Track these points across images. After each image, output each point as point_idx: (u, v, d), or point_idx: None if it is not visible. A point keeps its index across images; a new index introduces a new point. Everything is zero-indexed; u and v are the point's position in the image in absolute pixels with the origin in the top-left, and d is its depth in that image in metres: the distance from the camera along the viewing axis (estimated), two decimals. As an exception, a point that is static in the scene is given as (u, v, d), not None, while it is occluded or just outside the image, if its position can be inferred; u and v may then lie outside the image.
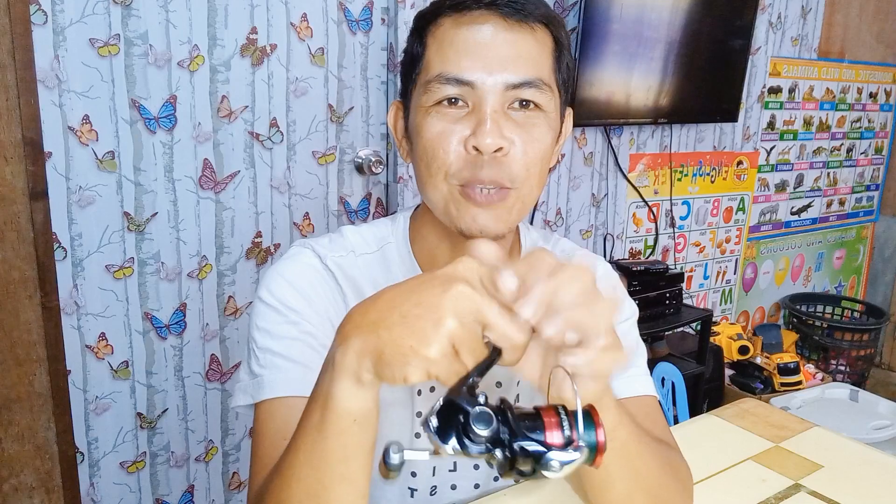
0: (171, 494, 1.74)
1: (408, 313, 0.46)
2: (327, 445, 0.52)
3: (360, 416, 0.51)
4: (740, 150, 2.78)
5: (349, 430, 0.51)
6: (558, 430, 0.45)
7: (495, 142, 0.68)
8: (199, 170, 1.63)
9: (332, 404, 0.51)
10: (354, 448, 0.53)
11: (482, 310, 0.46)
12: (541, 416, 0.45)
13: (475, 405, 0.44)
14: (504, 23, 0.70)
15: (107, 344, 1.59)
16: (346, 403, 0.50)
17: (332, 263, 0.78)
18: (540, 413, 0.46)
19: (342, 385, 0.50)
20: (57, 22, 1.41)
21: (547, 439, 0.44)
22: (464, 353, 0.45)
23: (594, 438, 0.46)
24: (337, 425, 0.51)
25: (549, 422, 0.45)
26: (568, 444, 0.45)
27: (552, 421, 0.45)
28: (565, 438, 0.45)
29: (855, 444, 0.97)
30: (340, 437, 0.52)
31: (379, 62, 1.84)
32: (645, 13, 2.15)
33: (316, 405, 0.53)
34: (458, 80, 0.69)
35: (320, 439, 0.52)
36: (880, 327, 3.04)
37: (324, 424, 0.52)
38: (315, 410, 0.53)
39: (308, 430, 0.54)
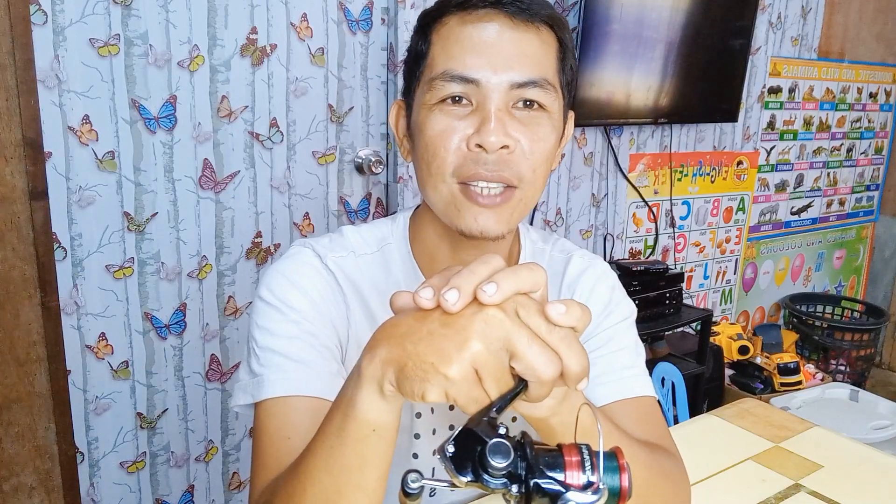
0: (171, 494, 1.74)
1: (435, 331, 0.45)
2: (345, 452, 0.52)
3: (379, 426, 0.51)
4: (740, 150, 2.78)
5: (368, 440, 0.51)
6: (579, 471, 0.43)
7: (500, 139, 0.68)
8: (199, 170, 1.63)
9: (353, 412, 0.50)
10: (372, 458, 0.52)
11: (511, 338, 0.45)
12: (562, 454, 0.44)
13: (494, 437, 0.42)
14: (510, 22, 0.70)
15: (107, 344, 1.59)
16: (366, 412, 0.50)
17: (332, 263, 0.78)
18: (562, 450, 0.44)
19: (364, 393, 0.49)
20: (57, 22, 1.41)
21: (567, 479, 0.43)
22: (487, 380, 0.44)
23: (617, 483, 0.44)
24: (356, 433, 0.51)
25: (570, 461, 0.43)
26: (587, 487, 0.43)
27: (573, 460, 0.43)
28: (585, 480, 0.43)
29: (855, 444, 0.97)
30: (358, 446, 0.51)
31: (379, 62, 1.84)
32: (645, 13, 2.15)
33: (338, 411, 0.53)
34: (462, 78, 0.69)
35: (338, 445, 0.52)
36: (880, 327, 3.04)
37: (343, 431, 0.51)
38: (336, 416, 0.53)
39: (327, 436, 0.53)
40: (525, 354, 0.45)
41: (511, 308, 0.46)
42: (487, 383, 0.44)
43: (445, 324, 0.45)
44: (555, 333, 0.46)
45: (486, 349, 0.44)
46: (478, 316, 0.45)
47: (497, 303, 0.45)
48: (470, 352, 0.44)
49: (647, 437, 0.76)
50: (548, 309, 0.46)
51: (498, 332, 0.45)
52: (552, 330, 0.46)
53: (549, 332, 0.46)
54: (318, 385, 0.71)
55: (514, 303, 0.46)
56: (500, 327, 0.45)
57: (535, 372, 0.45)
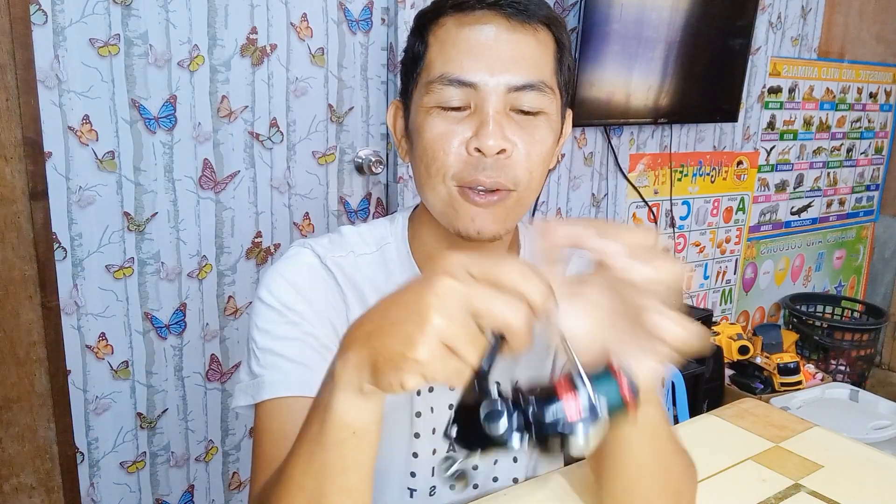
0: (171, 494, 1.74)
1: (395, 319, 0.45)
2: (326, 457, 0.52)
3: (359, 428, 0.50)
4: (740, 150, 2.78)
5: (348, 443, 0.51)
6: (574, 401, 0.42)
7: (498, 143, 0.68)
8: (199, 170, 1.63)
9: (330, 416, 0.50)
10: (353, 460, 0.52)
11: (469, 299, 0.43)
12: (555, 389, 0.43)
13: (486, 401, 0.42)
14: (507, 23, 0.69)
15: (107, 344, 1.59)
16: (344, 416, 0.50)
17: (331, 263, 0.78)
18: (555, 386, 0.43)
19: (341, 397, 0.49)
20: (57, 22, 1.41)
21: (567, 411, 0.42)
22: (462, 348, 0.44)
23: (617, 393, 0.42)
24: (335, 437, 0.51)
25: (566, 395, 0.42)
26: (592, 411, 0.42)
27: (569, 394, 0.42)
28: (584, 408, 0.42)
29: (855, 444, 0.97)
30: (339, 449, 0.51)
31: (379, 62, 1.84)
32: (645, 13, 2.15)
33: (315, 416, 0.52)
34: (460, 81, 0.69)
35: (319, 450, 0.52)
36: (880, 327, 3.04)
37: (322, 436, 0.51)
38: (314, 421, 0.52)
39: (307, 441, 0.54)
40: (487, 310, 0.44)
41: (461, 271, 0.45)
42: (462, 352, 0.43)
43: (405, 309, 0.45)
44: (508, 275, 0.44)
45: (447, 320, 0.43)
46: (430, 291, 0.44)
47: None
48: (432, 328, 0.43)
49: None
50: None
51: (453, 299, 0.43)
52: (505, 273, 0.44)
53: (502, 276, 0.44)
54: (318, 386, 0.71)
55: (462, 265, 0.45)
56: (454, 294, 0.43)
57: (503, 323, 0.44)
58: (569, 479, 0.83)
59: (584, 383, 0.43)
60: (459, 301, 0.43)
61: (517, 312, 0.43)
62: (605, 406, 0.42)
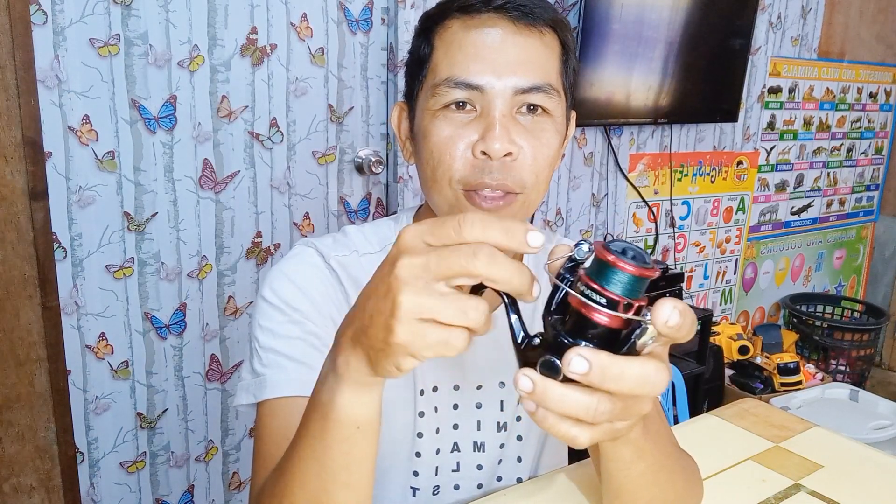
0: (171, 494, 1.74)
1: (372, 310, 0.44)
2: (330, 454, 0.52)
3: (363, 422, 0.50)
4: (740, 150, 2.78)
5: (352, 438, 0.51)
6: (597, 312, 0.39)
7: (504, 147, 0.68)
8: (199, 170, 1.63)
9: (334, 413, 0.50)
10: (357, 455, 0.52)
11: (432, 267, 0.41)
12: (576, 312, 0.40)
13: (538, 356, 0.40)
14: (513, 26, 0.69)
15: (107, 344, 1.59)
16: (348, 411, 0.50)
17: (335, 263, 0.78)
18: (569, 309, 0.40)
19: (345, 394, 0.49)
20: (57, 22, 1.41)
21: (607, 322, 0.39)
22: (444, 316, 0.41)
23: (627, 273, 0.39)
24: (340, 433, 0.51)
25: (588, 309, 0.39)
26: (619, 306, 0.39)
27: (587, 308, 0.39)
28: (615, 307, 0.39)
29: (855, 444, 0.97)
30: (343, 445, 0.51)
31: (379, 62, 1.84)
32: (645, 13, 2.15)
33: (316, 414, 0.52)
34: (466, 84, 0.69)
35: (322, 448, 0.52)
36: (880, 327, 3.04)
37: (325, 433, 0.51)
38: (315, 420, 0.52)
39: (308, 439, 0.53)
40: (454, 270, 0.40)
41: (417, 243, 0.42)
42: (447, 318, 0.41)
43: (375, 296, 0.44)
44: (467, 229, 0.41)
45: (415, 295, 0.41)
46: (390, 273, 0.42)
47: None
48: (402, 310, 0.41)
49: None
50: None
51: (413, 273, 0.41)
52: (464, 228, 0.41)
53: (462, 232, 0.41)
54: None
55: (418, 235, 0.42)
56: (413, 268, 0.41)
57: (478, 273, 0.40)
58: (573, 479, 0.83)
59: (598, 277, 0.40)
60: (420, 273, 0.41)
61: (488, 258, 0.40)
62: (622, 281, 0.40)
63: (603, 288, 0.39)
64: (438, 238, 0.42)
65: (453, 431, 0.82)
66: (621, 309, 0.39)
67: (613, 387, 0.39)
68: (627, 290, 0.39)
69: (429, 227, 0.42)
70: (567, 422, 0.41)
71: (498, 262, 0.40)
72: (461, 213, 0.41)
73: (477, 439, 0.83)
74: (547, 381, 0.40)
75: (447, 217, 0.42)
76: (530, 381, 0.40)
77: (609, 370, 0.39)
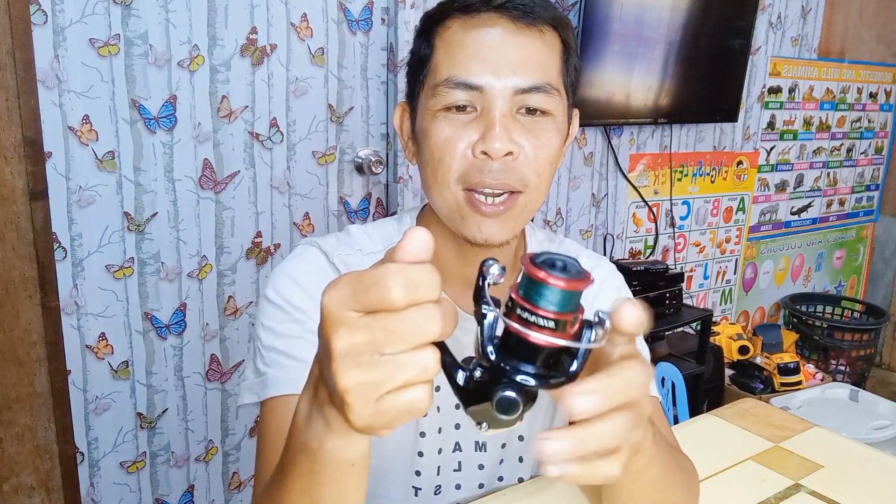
0: (171, 494, 1.74)
1: (329, 385, 0.40)
2: (322, 491, 0.49)
3: (357, 460, 0.48)
4: (740, 150, 2.78)
5: (348, 475, 0.48)
6: (538, 333, 0.36)
7: (505, 146, 0.68)
8: (199, 170, 1.63)
9: (324, 457, 0.47)
10: (351, 489, 0.50)
11: (377, 344, 0.37)
12: (514, 337, 0.37)
13: (487, 392, 0.38)
14: (513, 26, 0.69)
15: (107, 344, 1.59)
16: (341, 454, 0.46)
17: (338, 262, 0.78)
18: (506, 334, 0.38)
19: (336, 440, 0.45)
20: (57, 22, 1.41)
21: (549, 343, 0.37)
22: (408, 380, 0.37)
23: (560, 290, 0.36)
24: (333, 473, 0.48)
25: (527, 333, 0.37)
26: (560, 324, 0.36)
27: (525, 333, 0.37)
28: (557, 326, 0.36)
29: (855, 444, 0.97)
30: (338, 483, 0.49)
31: (379, 62, 1.84)
32: (645, 13, 2.15)
33: (303, 456, 0.48)
34: (466, 85, 0.69)
35: (314, 485, 0.49)
36: (880, 327, 3.04)
37: (317, 474, 0.48)
38: (302, 461, 0.49)
39: (299, 476, 0.50)
40: (396, 343, 0.37)
41: (344, 315, 0.38)
42: (403, 382, 0.38)
43: (327, 372, 0.40)
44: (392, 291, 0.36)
45: (360, 373, 0.37)
46: (330, 353, 0.38)
47: None
48: (350, 395, 0.38)
49: None
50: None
51: (355, 350, 0.37)
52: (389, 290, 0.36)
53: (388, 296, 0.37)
54: None
55: (342, 304, 0.38)
56: (353, 347, 0.37)
57: (420, 340, 0.37)
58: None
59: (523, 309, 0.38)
60: (363, 350, 0.37)
61: (443, 321, 0.37)
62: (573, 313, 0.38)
63: (536, 307, 0.36)
64: (365, 303, 0.37)
65: (455, 431, 0.82)
66: (564, 326, 0.37)
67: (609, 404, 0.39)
68: (562, 305, 0.37)
69: (351, 292, 0.37)
70: (594, 462, 0.40)
71: (449, 321, 0.37)
72: (378, 269, 0.37)
73: (479, 439, 0.83)
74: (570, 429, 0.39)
75: (364, 275, 0.37)
76: (558, 440, 0.39)
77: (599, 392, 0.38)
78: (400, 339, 0.37)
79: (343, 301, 0.38)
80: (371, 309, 0.37)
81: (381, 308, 0.37)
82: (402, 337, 0.37)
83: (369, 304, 0.37)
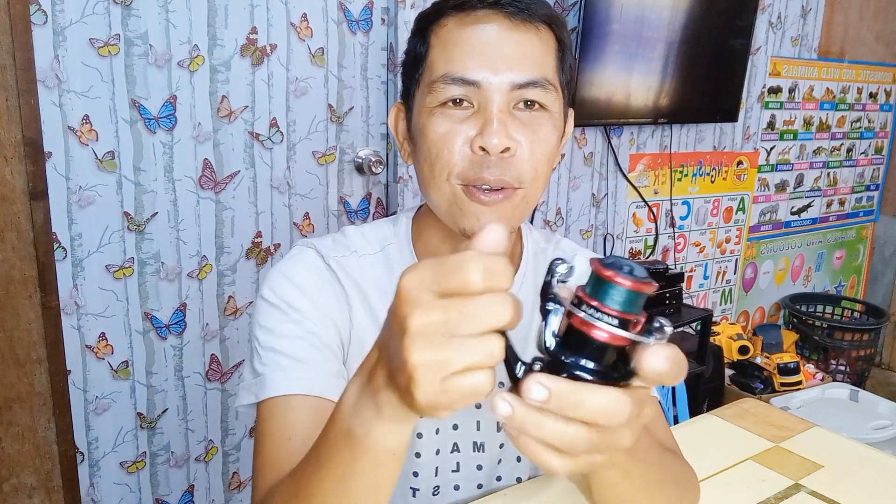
0: (171, 494, 1.74)
1: (394, 365, 0.41)
2: (360, 480, 0.50)
3: (399, 449, 0.49)
4: (740, 150, 2.78)
5: (387, 464, 0.49)
6: (597, 329, 0.38)
7: (502, 142, 0.68)
8: (199, 170, 1.63)
9: (369, 444, 0.48)
10: (385, 480, 0.51)
11: (451, 326, 0.38)
12: (576, 331, 0.39)
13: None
14: (509, 22, 0.70)
15: (107, 344, 1.59)
16: (385, 442, 0.47)
17: (334, 263, 0.78)
18: (569, 328, 0.39)
19: (384, 427, 0.46)
20: (57, 22, 1.41)
21: (607, 339, 0.38)
22: (473, 363, 0.39)
23: (625, 289, 0.38)
24: (373, 461, 0.49)
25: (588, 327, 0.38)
26: (622, 322, 0.38)
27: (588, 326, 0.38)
28: (619, 324, 0.38)
29: (855, 444, 0.97)
30: (376, 472, 0.50)
31: (379, 62, 1.84)
32: (645, 13, 2.15)
33: (344, 443, 0.49)
34: (463, 80, 0.69)
35: (351, 473, 0.50)
36: (880, 327, 3.04)
37: (356, 461, 0.49)
38: (343, 449, 0.49)
39: (334, 466, 0.51)
40: (467, 328, 0.38)
41: (422, 296, 0.39)
42: (469, 364, 0.39)
43: (394, 353, 0.41)
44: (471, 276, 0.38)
45: (432, 353, 0.38)
46: (405, 333, 0.39)
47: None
48: (419, 372, 0.39)
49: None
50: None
51: (430, 329, 0.39)
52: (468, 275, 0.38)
53: (467, 281, 0.38)
54: (320, 384, 0.71)
55: (423, 286, 0.39)
56: (429, 326, 0.39)
57: (489, 328, 0.39)
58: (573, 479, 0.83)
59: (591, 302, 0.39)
60: (437, 329, 0.39)
61: (512, 309, 0.38)
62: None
63: (602, 305, 0.38)
64: (445, 288, 0.38)
65: (453, 432, 0.82)
66: (626, 326, 0.39)
67: (572, 414, 0.38)
68: (627, 305, 0.39)
69: (432, 275, 0.39)
70: (547, 450, 0.40)
71: (517, 312, 0.38)
72: (459, 255, 0.39)
73: (476, 439, 0.83)
74: (525, 406, 0.39)
75: (445, 259, 0.39)
76: (509, 405, 0.39)
77: (567, 398, 0.38)
78: (473, 323, 0.38)
79: (424, 282, 0.39)
80: (450, 292, 0.38)
81: (460, 291, 0.38)
82: (475, 320, 0.38)
83: (449, 287, 0.38)
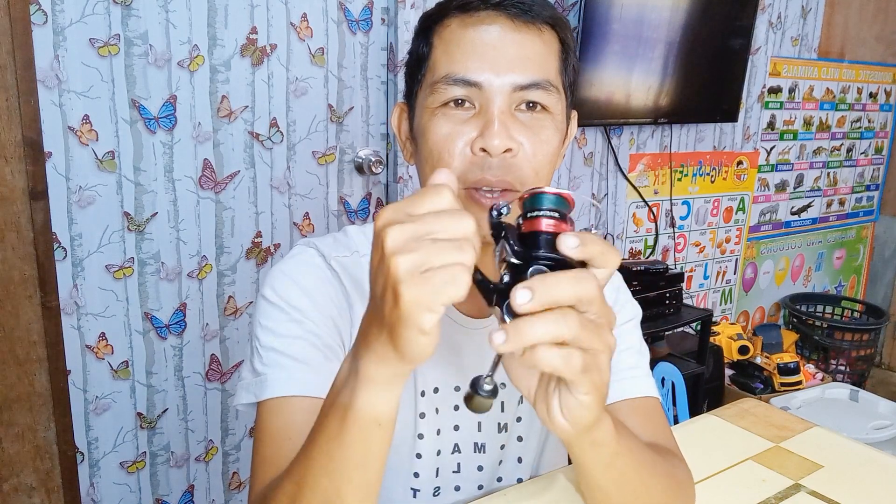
0: (171, 494, 1.74)
1: (379, 288, 0.46)
2: (347, 453, 0.52)
3: (384, 419, 0.51)
4: (740, 150, 2.78)
5: (372, 435, 0.52)
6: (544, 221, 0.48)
7: (503, 143, 0.67)
8: (199, 170, 1.63)
9: (354, 413, 0.51)
10: (375, 452, 0.53)
11: (420, 230, 0.43)
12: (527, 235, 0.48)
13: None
14: (511, 24, 0.69)
15: (107, 344, 1.59)
16: (370, 409, 0.50)
17: (335, 263, 0.78)
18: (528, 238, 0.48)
19: (368, 392, 0.50)
20: (57, 22, 1.41)
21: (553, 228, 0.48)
22: (438, 260, 0.43)
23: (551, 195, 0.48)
24: (359, 432, 0.51)
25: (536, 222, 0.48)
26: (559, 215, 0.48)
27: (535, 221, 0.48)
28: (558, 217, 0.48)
29: (855, 444, 0.97)
30: (362, 443, 0.52)
31: (379, 62, 1.84)
32: (645, 13, 2.15)
33: (334, 415, 0.53)
34: (465, 81, 0.69)
35: (338, 447, 0.52)
36: (880, 327, 3.04)
37: (344, 433, 0.52)
38: (332, 421, 0.53)
39: (324, 440, 0.54)
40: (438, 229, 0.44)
41: (398, 216, 0.45)
42: (444, 259, 0.43)
43: (379, 273, 0.46)
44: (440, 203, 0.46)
45: (408, 253, 0.43)
46: (384, 243, 0.44)
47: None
48: (400, 270, 0.43)
49: (650, 437, 0.76)
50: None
51: (404, 235, 0.44)
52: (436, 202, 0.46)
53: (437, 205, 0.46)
54: (320, 385, 0.71)
55: (399, 209, 0.45)
56: (403, 233, 0.44)
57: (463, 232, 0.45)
58: (573, 479, 0.83)
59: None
60: (409, 236, 0.44)
61: (463, 225, 0.44)
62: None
63: (540, 208, 0.48)
64: (415, 209, 0.45)
65: (454, 433, 0.82)
66: (564, 219, 0.49)
67: (556, 297, 0.44)
68: (556, 204, 0.49)
69: (403, 203, 0.46)
70: (552, 348, 0.44)
71: (476, 227, 0.44)
72: (425, 188, 0.46)
73: (477, 440, 0.83)
74: (517, 322, 0.43)
75: (414, 193, 0.46)
76: (503, 330, 0.44)
77: (546, 286, 0.43)
78: (443, 230, 0.44)
79: (397, 209, 0.45)
80: (420, 213, 0.44)
81: (428, 210, 0.45)
82: (445, 227, 0.44)
83: (419, 209, 0.45)
